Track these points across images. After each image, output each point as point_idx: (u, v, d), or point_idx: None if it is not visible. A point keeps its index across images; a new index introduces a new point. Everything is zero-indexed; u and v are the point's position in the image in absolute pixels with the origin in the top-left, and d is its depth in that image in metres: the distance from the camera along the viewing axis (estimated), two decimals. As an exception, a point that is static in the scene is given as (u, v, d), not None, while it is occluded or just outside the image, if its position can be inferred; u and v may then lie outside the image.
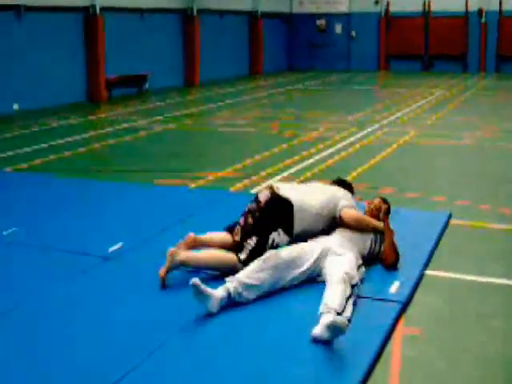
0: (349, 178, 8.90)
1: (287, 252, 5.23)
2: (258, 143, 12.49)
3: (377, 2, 30.80)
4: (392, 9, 30.60)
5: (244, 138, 13.21)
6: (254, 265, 5.01)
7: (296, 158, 10.81)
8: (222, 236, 5.67)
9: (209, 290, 4.64)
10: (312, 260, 5.25)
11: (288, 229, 5.54)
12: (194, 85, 24.50)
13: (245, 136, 13.47)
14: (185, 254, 5.23)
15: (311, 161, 10.55)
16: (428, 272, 5.71)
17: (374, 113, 16.42)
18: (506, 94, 21.46)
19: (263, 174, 9.63)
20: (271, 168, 9.97)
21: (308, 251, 5.30)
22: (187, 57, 24.57)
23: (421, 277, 5.57)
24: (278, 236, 5.45)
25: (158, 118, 16.01)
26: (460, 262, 6.01)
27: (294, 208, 5.56)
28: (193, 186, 8.77)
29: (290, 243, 5.46)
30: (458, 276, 5.70)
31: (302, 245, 5.43)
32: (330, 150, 11.45)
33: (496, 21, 28.99)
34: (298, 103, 19.25)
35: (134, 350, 4.22)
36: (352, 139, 12.59)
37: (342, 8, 31.40)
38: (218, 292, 4.73)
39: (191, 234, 5.50)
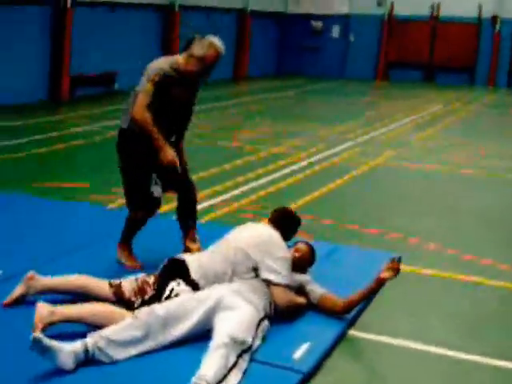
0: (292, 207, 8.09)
1: (164, 307, 4.54)
2: (210, 158, 11.68)
3: (380, 4, 29.87)
4: (396, 11, 29.62)
5: (195, 151, 12.36)
6: (125, 321, 4.44)
7: (242, 178, 9.98)
8: (96, 284, 4.94)
9: (55, 343, 4.08)
10: (201, 312, 4.53)
11: (187, 279, 4.88)
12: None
13: (197, 149, 12.64)
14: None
15: (260, 182, 9.74)
16: (352, 332, 4.95)
17: (355, 127, 15.62)
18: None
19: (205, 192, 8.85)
20: (211, 188, 9.14)
21: (193, 304, 4.58)
22: (162, 56, 23.80)
23: (340, 337, 4.84)
24: (177, 286, 4.80)
25: (111, 123, 15.19)
26: (396, 321, 5.26)
27: (187, 261, 4.97)
28: (111, 205, 7.97)
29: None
30: (387, 339, 4.94)
31: (187, 297, 4.65)
32: (286, 170, 10.63)
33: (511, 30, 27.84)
34: (273, 113, 18.47)
35: None
36: (318, 157, 11.80)
37: (342, 8, 30.45)
38: (71, 346, 4.14)
39: (31, 273, 4.93)
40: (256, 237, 5.02)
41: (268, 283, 4.86)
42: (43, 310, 4.51)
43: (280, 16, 31.36)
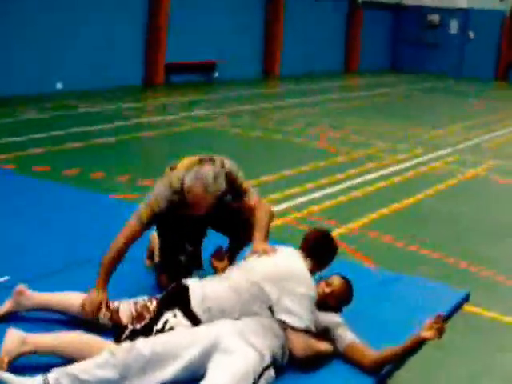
0: (359, 222, 7.20)
1: (150, 344, 3.75)
2: (292, 156, 10.89)
3: None
4: (521, 7, 27.74)
5: (278, 149, 11.62)
6: (100, 356, 3.71)
7: (317, 182, 9.10)
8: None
9: (11, 377, 3.52)
10: (195, 353, 3.73)
11: (187, 310, 4.06)
12: (273, 77, 23.12)
13: (280, 146, 11.87)
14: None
15: (338, 188, 8.85)
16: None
17: (459, 131, 14.39)
18: None
19: (273, 196, 8.12)
20: (289, 189, 8.38)
21: (186, 342, 3.78)
22: (267, 44, 23.15)
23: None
24: (173, 317, 4.01)
25: (200, 112, 14.71)
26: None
27: (190, 288, 4.14)
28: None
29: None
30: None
31: (181, 333, 3.86)
32: (369, 176, 9.66)
33: None
34: (374, 110, 17.44)
35: None
36: (407, 165, 10.75)
37: (461, 2, 28.76)
38: (30, 381, 3.52)
39: (20, 287, 4.25)
40: (275, 268, 4.14)
41: (284, 325, 4.02)
42: (12, 339, 3.83)
43: (394, 7, 30.02)
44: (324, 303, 4.24)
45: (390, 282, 5.47)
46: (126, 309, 4.21)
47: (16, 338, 3.82)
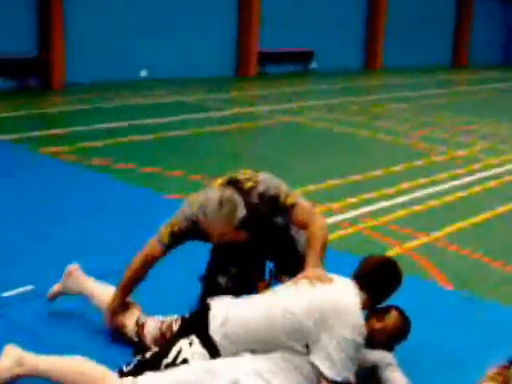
0: (440, 233, 6.42)
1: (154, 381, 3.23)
2: (377, 156, 10.12)
3: None
4: None
5: (365, 147, 10.88)
6: None
7: (406, 185, 8.34)
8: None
9: None
10: None
11: (204, 336, 3.54)
12: (375, 70, 22.29)
13: (366, 144, 11.12)
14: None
15: (423, 192, 8.04)
16: None
17: None
18: None
19: (350, 200, 7.47)
20: (365, 193, 7.77)
21: (198, 381, 3.23)
22: (368, 34, 22.27)
23: None
24: (187, 346, 3.49)
25: (290, 106, 14.15)
26: None
27: (212, 309, 3.61)
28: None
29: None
30: None
31: (192, 369, 3.33)
32: (460, 181, 8.79)
33: None
34: (479, 107, 16.38)
35: None
36: (508, 168, 9.76)
37: None
38: None
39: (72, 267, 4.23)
40: (322, 301, 3.42)
41: (318, 370, 3.36)
42: (9, 358, 3.38)
43: (509, -1, 28.49)
44: (373, 339, 3.57)
45: (467, 307, 4.79)
46: (152, 326, 3.83)
47: (13, 357, 3.37)
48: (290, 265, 4.14)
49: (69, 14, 14.54)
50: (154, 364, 3.41)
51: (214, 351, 3.44)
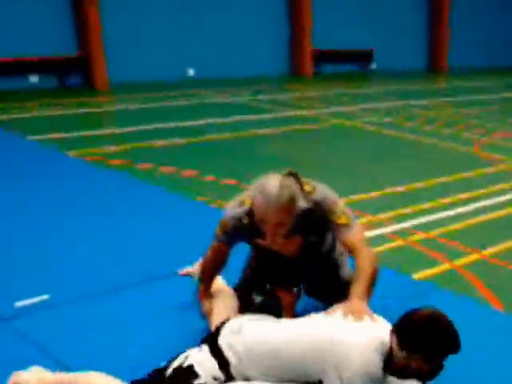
0: (496, 249, 5.97)
1: None
2: (436, 164, 9.66)
3: None
4: None
5: (421, 154, 10.42)
6: None
7: (463, 195, 7.87)
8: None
9: None
10: None
11: (215, 345, 3.33)
12: (440, 71, 21.66)
13: (425, 150, 10.65)
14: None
15: (480, 204, 7.55)
16: None
17: None
18: None
19: (402, 211, 7.06)
20: (416, 204, 7.30)
21: None
22: (433, 34, 21.65)
23: None
24: (196, 352, 3.29)
25: (345, 108, 13.77)
26: None
27: (227, 322, 3.40)
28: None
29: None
30: None
31: None
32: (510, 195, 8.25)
33: None
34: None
35: None
36: None
37: None
38: None
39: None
40: (336, 336, 3.09)
41: None
42: (32, 374, 3.30)
43: None
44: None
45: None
46: None
47: (36, 374, 3.31)
48: (326, 288, 3.88)
49: (106, 12, 14.40)
50: (165, 367, 3.27)
51: (222, 361, 3.22)
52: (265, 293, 3.87)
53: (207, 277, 3.91)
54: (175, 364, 3.24)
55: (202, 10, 15.90)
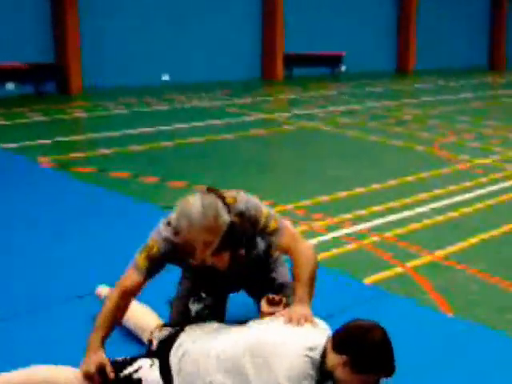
0: (449, 250, 5.98)
1: None
2: (392, 164, 9.66)
3: None
4: None
5: (379, 155, 10.42)
6: None
7: (422, 195, 7.87)
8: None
9: None
10: None
11: (164, 364, 3.29)
12: (407, 73, 21.75)
13: (383, 151, 10.66)
14: None
15: (437, 205, 7.55)
16: None
17: None
18: None
19: (359, 212, 7.07)
20: (373, 206, 7.30)
21: None
22: (399, 37, 21.74)
23: None
24: (147, 366, 3.27)
25: (313, 110, 13.74)
26: None
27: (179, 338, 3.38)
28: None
29: None
30: None
31: None
32: (480, 191, 8.27)
33: None
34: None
35: None
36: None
37: None
38: None
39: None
40: (262, 340, 3.11)
41: None
42: None
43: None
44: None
45: (464, 336, 4.28)
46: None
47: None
48: (263, 291, 3.76)
49: (84, 19, 14.29)
50: (117, 368, 3.26)
51: (168, 381, 3.22)
52: (201, 301, 3.80)
53: (110, 322, 3.39)
54: (128, 370, 3.25)
55: (176, 16, 15.82)
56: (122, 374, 3.24)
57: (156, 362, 3.31)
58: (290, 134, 11.54)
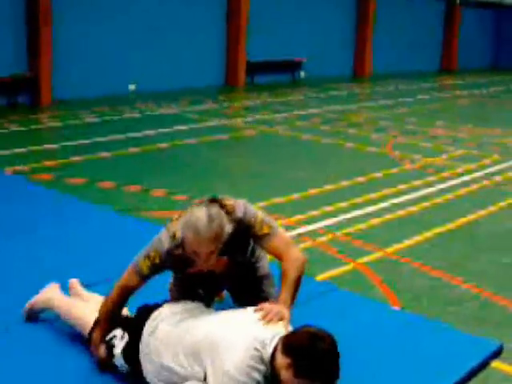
0: (400, 246, 6.05)
1: None
2: (345, 165, 9.71)
3: None
4: None
5: (332, 156, 10.46)
6: None
7: (373, 195, 7.93)
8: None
9: None
10: None
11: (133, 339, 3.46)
12: (363, 78, 21.89)
13: (337, 153, 10.71)
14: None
15: (389, 203, 7.62)
16: None
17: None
18: None
19: (312, 212, 7.08)
20: (327, 205, 7.36)
21: None
22: (357, 42, 21.89)
23: None
24: (119, 337, 3.52)
25: (273, 115, 13.75)
26: None
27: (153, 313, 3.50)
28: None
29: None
30: None
31: None
32: (430, 189, 8.36)
33: None
34: (463, 113, 15.97)
35: None
36: (477, 175, 9.30)
37: None
38: None
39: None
40: (217, 331, 3.17)
41: None
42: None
43: (495, 6, 28.02)
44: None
45: (411, 328, 4.34)
46: None
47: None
48: (246, 291, 3.90)
49: (56, 31, 14.15)
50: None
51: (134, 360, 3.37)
52: (199, 297, 3.82)
53: (109, 317, 3.62)
54: (107, 338, 3.53)
55: (141, 26, 15.74)
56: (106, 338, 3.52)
57: (126, 335, 3.45)
58: (250, 139, 11.54)
